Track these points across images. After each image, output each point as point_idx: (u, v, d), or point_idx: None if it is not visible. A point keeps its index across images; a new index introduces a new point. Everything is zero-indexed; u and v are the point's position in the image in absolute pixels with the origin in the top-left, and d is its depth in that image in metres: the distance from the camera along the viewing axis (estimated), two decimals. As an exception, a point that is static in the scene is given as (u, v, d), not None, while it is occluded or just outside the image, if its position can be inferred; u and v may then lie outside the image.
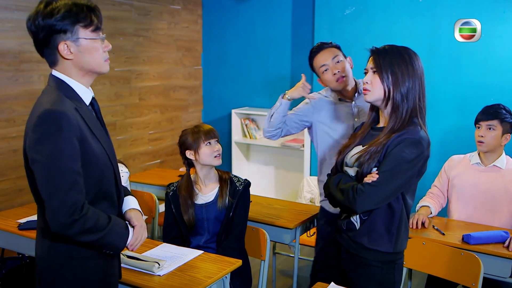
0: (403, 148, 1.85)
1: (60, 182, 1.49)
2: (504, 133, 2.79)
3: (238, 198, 2.62)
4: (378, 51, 1.95)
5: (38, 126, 1.51)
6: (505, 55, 3.88)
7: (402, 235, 1.99)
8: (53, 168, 1.50)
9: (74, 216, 1.50)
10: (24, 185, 3.86)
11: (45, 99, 1.58)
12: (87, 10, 1.59)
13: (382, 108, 1.98)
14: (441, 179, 3.04)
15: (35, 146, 1.51)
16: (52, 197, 1.50)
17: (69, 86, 1.62)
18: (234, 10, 5.36)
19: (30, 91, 3.85)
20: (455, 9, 4.01)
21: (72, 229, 1.51)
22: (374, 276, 1.98)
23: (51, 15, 1.54)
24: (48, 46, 1.59)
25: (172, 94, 5.32)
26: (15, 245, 2.86)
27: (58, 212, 1.49)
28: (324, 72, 2.59)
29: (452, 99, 4.12)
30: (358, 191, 1.85)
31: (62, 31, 1.55)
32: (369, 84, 1.95)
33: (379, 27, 4.29)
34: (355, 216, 1.99)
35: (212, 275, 2.15)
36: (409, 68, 1.89)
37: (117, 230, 1.66)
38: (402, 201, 1.96)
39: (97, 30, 1.61)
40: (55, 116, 1.51)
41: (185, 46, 5.41)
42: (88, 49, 1.60)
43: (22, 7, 3.75)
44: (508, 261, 2.46)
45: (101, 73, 1.68)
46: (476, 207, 2.87)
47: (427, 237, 2.64)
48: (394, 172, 1.85)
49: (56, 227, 1.51)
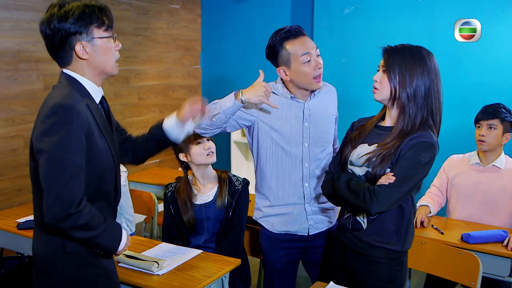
0: (419, 151, 1.85)
1: (61, 174, 1.50)
2: (504, 132, 2.79)
3: (237, 197, 2.62)
4: (390, 49, 1.93)
5: (48, 118, 1.54)
6: (504, 55, 3.88)
7: (410, 234, 1.99)
8: (56, 160, 1.51)
9: (70, 210, 1.50)
10: (23, 184, 3.86)
11: (56, 93, 1.61)
12: (98, 11, 1.64)
13: (390, 107, 1.97)
14: (440, 178, 3.04)
15: (42, 136, 1.53)
16: (51, 188, 1.50)
17: (81, 83, 1.66)
18: (233, 9, 5.36)
19: (29, 91, 3.84)
20: (454, 9, 4.01)
21: (66, 223, 1.51)
22: (382, 273, 1.97)
23: (66, 18, 1.59)
24: (64, 48, 1.63)
25: (171, 94, 5.31)
26: (14, 245, 2.86)
27: (54, 203, 1.50)
28: (306, 63, 2.15)
29: (451, 99, 4.11)
30: (376, 192, 1.83)
31: (78, 33, 1.60)
32: (378, 82, 1.94)
33: (378, 26, 4.28)
34: (362, 216, 1.97)
35: (211, 274, 2.15)
36: (418, 69, 1.87)
37: (110, 233, 1.66)
38: (411, 201, 1.96)
39: (109, 29, 1.67)
40: (66, 109, 1.54)
41: (184, 45, 5.41)
42: (103, 48, 1.66)
43: (21, 7, 3.75)
44: (507, 260, 2.47)
45: (111, 75, 1.73)
46: (475, 207, 2.87)
47: (426, 236, 2.64)
48: (409, 175, 1.85)
49: (50, 218, 1.51)
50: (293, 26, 2.19)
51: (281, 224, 2.32)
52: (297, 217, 2.31)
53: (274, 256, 2.37)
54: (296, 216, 2.31)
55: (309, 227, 2.31)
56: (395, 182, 1.83)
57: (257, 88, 2.08)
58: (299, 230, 2.32)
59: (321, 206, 2.33)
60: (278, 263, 2.37)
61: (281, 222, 2.32)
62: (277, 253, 2.36)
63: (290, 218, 2.31)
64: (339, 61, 4.35)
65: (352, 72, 4.37)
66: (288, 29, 2.18)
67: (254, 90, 2.09)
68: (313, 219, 2.32)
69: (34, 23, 3.80)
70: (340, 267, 2.10)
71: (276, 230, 2.33)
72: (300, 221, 2.31)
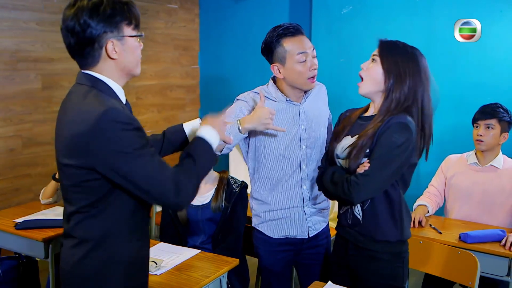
0: (391, 133, 1.83)
1: (153, 169, 1.44)
2: (502, 132, 2.80)
3: (236, 200, 2.61)
4: (386, 41, 1.95)
5: (102, 132, 1.40)
6: (501, 55, 3.88)
7: (405, 221, 1.98)
8: (142, 156, 1.43)
9: (177, 188, 1.45)
10: (20, 184, 3.86)
11: (89, 103, 1.45)
12: (127, 7, 1.52)
13: (375, 99, 1.98)
14: (438, 178, 3.05)
15: (113, 154, 1.41)
16: (154, 186, 1.44)
17: (107, 84, 1.52)
18: (231, 9, 5.36)
19: (27, 91, 3.83)
20: (452, 8, 4.01)
21: (184, 195, 1.47)
22: (384, 270, 1.97)
23: (97, 13, 1.45)
24: (92, 46, 1.48)
25: (169, 94, 5.31)
26: (11, 245, 2.85)
27: (165, 193, 1.45)
28: (302, 62, 2.10)
29: (449, 99, 4.12)
30: (352, 182, 1.85)
31: (109, 30, 1.48)
32: (365, 70, 1.94)
33: (376, 26, 4.28)
34: (356, 208, 1.98)
35: (209, 274, 2.15)
36: (411, 64, 1.88)
37: (203, 156, 1.58)
38: (399, 188, 1.95)
39: (137, 27, 1.56)
40: (118, 114, 1.42)
41: (182, 45, 5.40)
42: (132, 47, 1.55)
43: (19, 6, 3.74)
44: (505, 260, 2.47)
45: (135, 75, 1.61)
46: (473, 206, 2.87)
47: (424, 236, 2.64)
48: (385, 159, 1.83)
49: (174, 204, 1.49)
50: (292, 24, 2.15)
51: (282, 229, 2.31)
52: (297, 220, 2.30)
53: (271, 259, 2.35)
54: (296, 219, 2.30)
55: (309, 229, 2.31)
56: (371, 169, 1.82)
57: (261, 114, 2.01)
58: (299, 234, 2.31)
59: (318, 206, 2.33)
60: (275, 266, 2.36)
61: (281, 227, 2.31)
62: (275, 256, 2.35)
63: (290, 221, 2.30)
64: (337, 61, 4.36)
65: (350, 72, 4.34)
66: (286, 26, 2.13)
67: (257, 117, 2.01)
68: (312, 221, 2.31)
69: (32, 23, 3.79)
70: (341, 266, 2.10)
71: (276, 236, 2.31)
72: (300, 223, 2.30)
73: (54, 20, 3.89)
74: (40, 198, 3.22)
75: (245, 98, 2.22)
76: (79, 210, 1.52)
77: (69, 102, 1.54)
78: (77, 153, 1.45)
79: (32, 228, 2.74)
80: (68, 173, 1.51)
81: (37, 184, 3.92)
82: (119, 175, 1.43)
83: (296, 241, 2.33)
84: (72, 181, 1.50)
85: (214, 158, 1.63)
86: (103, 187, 1.48)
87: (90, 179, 1.46)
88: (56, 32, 3.68)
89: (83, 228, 1.52)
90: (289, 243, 2.33)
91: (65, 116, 1.51)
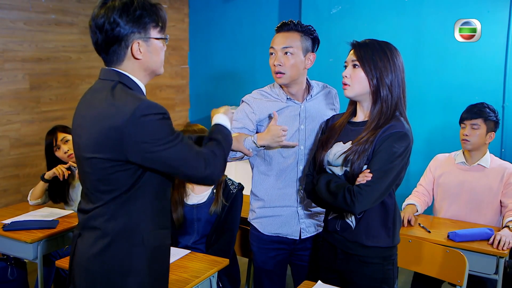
0: (392, 143, 1.83)
1: (189, 151, 1.54)
2: (488, 132, 2.82)
3: (232, 201, 2.61)
4: (359, 44, 1.95)
5: (142, 124, 1.46)
6: (489, 55, 3.91)
7: (397, 227, 1.99)
8: (178, 143, 1.52)
9: (206, 162, 1.56)
10: (9, 185, 3.83)
11: (121, 98, 1.50)
12: (156, 9, 1.57)
13: (362, 102, 1.97)
14: (427, 177, 3.07)
15: (153, 142, 1.48)
16: (187, 165, 1.53)
17: (132, 79, 1.58)
18: (221, 9, 5.35)
19: (14, 91, 3.79)
20: (441, 8, 4.04)
21: (212, 168, 1.57)
22: (375, 274, 1.96)
23: (127, 13, 1.50)
24: (119, 44, 1.53)
25: (158, 93, 5.29)
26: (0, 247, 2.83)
27: (197, 168, 1.55)
28: (270, 56, 2.26)
29: (437, 98, 4.15)
30: (356, 193, 1.81)
31: (137, 30, 1.52)
32: (348, 78, 1.94)
33: (365, 25, 4.31)
34: (350, 217, 1.96)
35: (200, 274, 2.15)
36: (390, 62, 1.89)
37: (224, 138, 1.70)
38: (394, 196, 1.96)
39: (162, 30, 1.60)
40: (153, 105, 1.49)
41: (171, 45, 5.39)
42: (157, 49, 1.59)
43: (6, 6, 3.70)
44: (493, 258, 2.49)
45: (158, 74, 1.67)
46: (461, 205, 2.90)
47: (413, 235, 2.66)
48: (387, 169, 1.83)
49: (205, 177, 1.57)
50: (284, 21, 2.27)
51: (273, 226, 2.32)
52: (289, 220, 2.31)
53: (263, 257, 2.37)
54: (288, 219, 2.31)
55: (301, 230, 2.31)
56: (373, 179, 1.82)
57: (274, 133, 2.12)
58: (290, 233, 2.32)
59: (313, 210, 2.33)
60: (267, 264, 2.37)
61: (273, 224, 2.32)
62: (267, 254, 2.36)
63: (282, 220, 2.31)
64: (326, 60, 4.37)
65: (339, 72, 4.34)
66: (280, 23, 2.28)
67: (271, 135, 2.12)
68: (305, 223, 2.32)
69: (19, 22, 3.76)
70: (330, 270, 2.09)
71: (268, 232, 2.33)
72: (292, 223, 2.31)
73: (41, 20, 3.85)
74: (29, 199, 3.19)
75: (249, 101, 2.31)
76: (104, 202, 1.55)
77: (94, 97, 1.57)
78: (110, 146, 1.49)
79: (20, 230, 2.71)
80: (95, 167, 1.53)
81: (25, 185, 3.89)
82: (156, 161, 1.51)
83: (288, 241, 2.34)
84: (99, 174, 1.54)
85: (231, 139, 1.76)
86: (129, 179, 1.53)
87: (118, 171, 1.51)
88: (44, 32, 3.67)
89: (107, 220, 1.55)
90: (281, 241, 2.34)
91: (92, 111, 1.54)
